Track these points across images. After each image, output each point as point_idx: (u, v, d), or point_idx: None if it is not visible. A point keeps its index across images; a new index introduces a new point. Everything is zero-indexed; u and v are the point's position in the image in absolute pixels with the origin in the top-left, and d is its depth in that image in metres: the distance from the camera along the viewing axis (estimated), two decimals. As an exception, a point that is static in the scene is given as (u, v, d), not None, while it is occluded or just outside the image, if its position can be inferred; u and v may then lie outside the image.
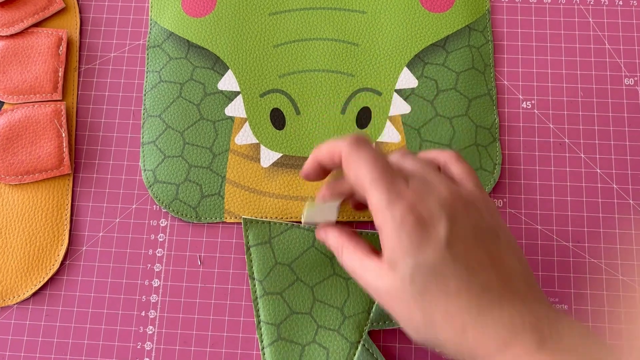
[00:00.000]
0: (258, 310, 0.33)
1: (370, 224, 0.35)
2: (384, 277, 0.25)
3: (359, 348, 0.32)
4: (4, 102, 0.38)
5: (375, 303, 0.33)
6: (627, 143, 0.36)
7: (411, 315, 0.25)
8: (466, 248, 0.25)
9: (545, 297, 0.26)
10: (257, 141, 0.36)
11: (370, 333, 0.33)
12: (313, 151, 0.29)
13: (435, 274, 0.24)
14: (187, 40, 0.38)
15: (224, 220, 0.35)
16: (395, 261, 0.25)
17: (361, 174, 0.26)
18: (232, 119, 0.36)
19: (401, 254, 0.24)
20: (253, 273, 0.34)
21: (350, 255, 0.27)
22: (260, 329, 0.33)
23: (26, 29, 0.38)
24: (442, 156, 0.29)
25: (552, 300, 0.34)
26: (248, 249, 0.34)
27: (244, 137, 0.36)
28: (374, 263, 0.26)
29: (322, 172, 0.29)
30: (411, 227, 0.24)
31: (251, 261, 0.34)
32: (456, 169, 0.28)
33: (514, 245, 0.27)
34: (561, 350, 0.23)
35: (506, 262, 0.25)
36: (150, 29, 0.38)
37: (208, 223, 0.35)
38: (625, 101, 0.36)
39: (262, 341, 0.33)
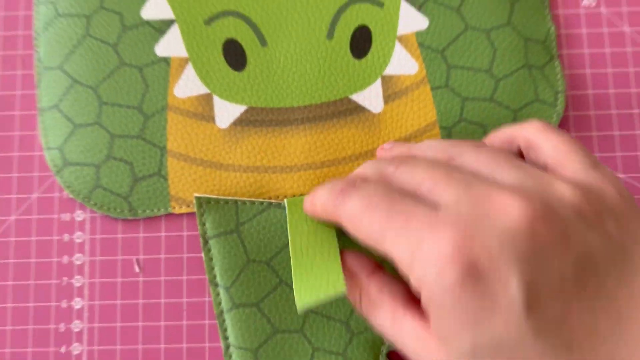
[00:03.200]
0: (225, 330, 0.24)
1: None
2: (431, 352, 0.17)
3: None
4: None
5: None
6: None
7: None
8: (563, 308, 0.16)
9: None
10: (208, 90, 0.26)
11: (389, 355, 0.24)
12: (311, 194, 0.22)
13: (510, 356, 0.16)
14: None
15: (172, 211, 0.25)
16: (446, 336, 0.17)
17: (364, 229, 0.18)
18: (166, 60, 0.26)
19: (454, 329, 0.16)
20: (215, 277, 0.25)
21: (375, 309, 0.20)
22: (230, 357, 0.24)
23: None
24: (520, 133, 0.20)
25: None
26: (206, 242, 0.25)
27: (188, 86, 0.26)
28: (413, 327, 0.18)
29: None
30: (460, 287, 0.16)
31: (211, 260, 0.25)
32: (547, 147, 0.19)
33: None
34: None
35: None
36: None
37: (147, 218, 0.26)
38: None
39: None
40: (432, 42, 0.26)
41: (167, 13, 0.27)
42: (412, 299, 0.19)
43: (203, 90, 0.26)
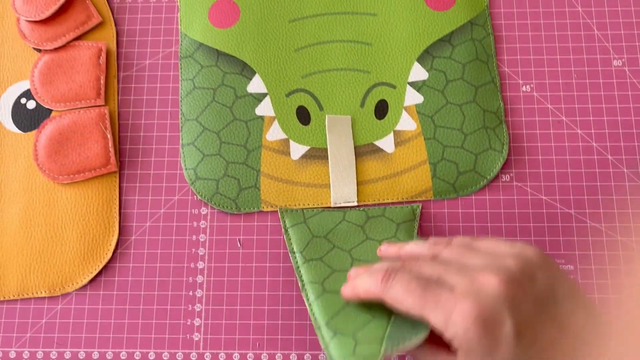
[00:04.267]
0: (301, 275, 0.38)
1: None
2: None
3: None
4: (52, 110, 0.44)
5: None
6: (619, 118, 0.42)
7: None
8: (534, 329, 0.27)
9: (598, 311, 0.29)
10: (287, 136, 0.43)
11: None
12: (350, 282, 0.33)
13: None
14: (216, 50, 0.44)
15: (262, 209, 0.42)
16: None
17: (406, 305, 0.29)
18: (262, 118, 0.43)
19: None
20: (293, 248, 0.40)
21: (419, 350, 0.31)
22: (305, 289, 0.38)
23: (69, 42, 0.45)
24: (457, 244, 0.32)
25: (559, 262, 0.40)
26: (286, 231, 0.41)
27: (274, 133, 0.43)
28: (446, 358, 0.30)
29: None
30: (478, 336, 0.27)
31: (290, 239, 0.40)
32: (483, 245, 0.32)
33: (573, 289, 0.29)
34: None
35: (571, 321, 0.28)
36: (181, 40, 0.45)
37: (246, 213, 0.42)
38: (615, 81, 0.43)
39: (307, 299, 0.37)
40: (425, 111, 0.43)
41: (263, 89, 0.44)
42: (437, 338, 0.30)
43: (284, 136, 0.43)
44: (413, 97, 0.43)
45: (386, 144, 0.42)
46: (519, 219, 0.41)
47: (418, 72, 0.43)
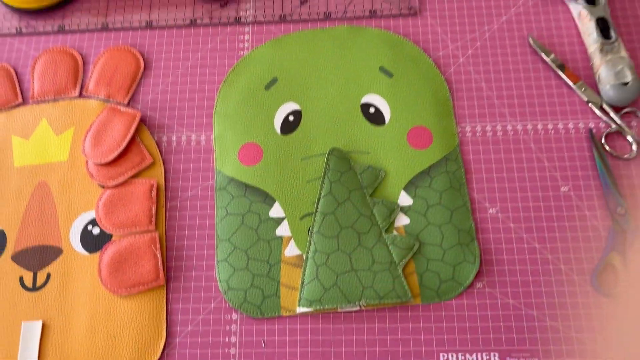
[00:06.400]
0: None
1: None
2: None
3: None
4: (112, 235, 0.56)
5: None
6: (569, 234, 0.53)
7: None
8: None
9: None
10: (301, 252, 0.54)
11: None
12: None
13: None
14: (244, 183, 0.57)
15: (281, 315, 0.52)
16: None
17: None
18: (281, 237, 0.54)
19: None
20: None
21: None
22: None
23: (126, 180, 0.58)
24: None
25: (524, 356, 0.49)
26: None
27: (291, 250, 0.54)
28: None
29: None
30: None
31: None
32: None
33: None
34: None
35: None
36: (216, 176, 0.58)
37: (269, 318, 0.52)
38: (563, 203, 0.54)
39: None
40: (412, 230, 0.54)
41: (282, 214, 0.55)
42: None
43: (299, 252, 0.54)
44: (401, 220, 0.54)
45: (381, 258, 0.53)
46: (492, 320, 0.51)
47: (404, 199, 0.55)
